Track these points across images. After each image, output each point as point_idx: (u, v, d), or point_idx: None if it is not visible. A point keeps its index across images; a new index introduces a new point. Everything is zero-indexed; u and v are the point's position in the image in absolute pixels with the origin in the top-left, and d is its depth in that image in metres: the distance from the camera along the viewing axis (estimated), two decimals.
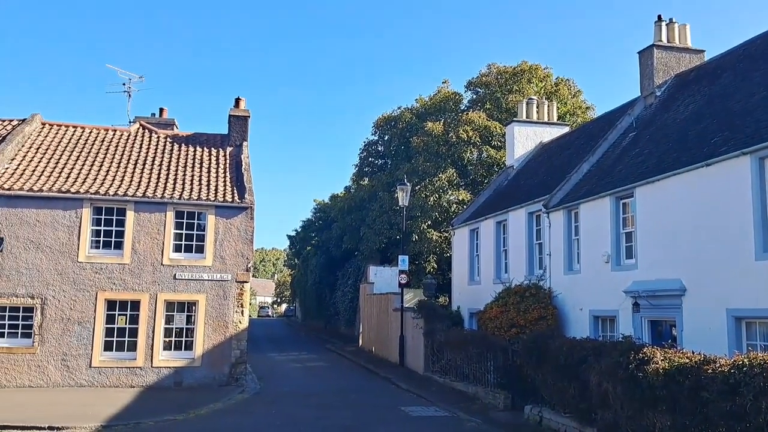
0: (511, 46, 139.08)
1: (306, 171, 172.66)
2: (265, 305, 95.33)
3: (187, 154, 22.08)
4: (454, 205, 31.05)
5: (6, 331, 17.85)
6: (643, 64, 20.17)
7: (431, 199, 30.67)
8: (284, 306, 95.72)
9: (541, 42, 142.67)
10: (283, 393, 18.13)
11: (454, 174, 31.80)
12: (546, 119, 26.56)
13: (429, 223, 30.87)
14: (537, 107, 26.58)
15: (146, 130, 23.36)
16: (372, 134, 38.63)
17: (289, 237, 60.80)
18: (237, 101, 23.35)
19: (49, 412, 13.77)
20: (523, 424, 13.77)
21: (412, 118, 35.36)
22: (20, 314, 17.94)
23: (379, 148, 38.88)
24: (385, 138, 37.74)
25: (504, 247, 22.03)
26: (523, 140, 26.00)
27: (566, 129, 26.61)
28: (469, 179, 32.78)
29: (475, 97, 36.09)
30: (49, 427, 12.21)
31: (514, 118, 26.82)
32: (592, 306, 16.62)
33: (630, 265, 15.32)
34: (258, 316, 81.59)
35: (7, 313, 17.89)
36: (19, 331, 17.88)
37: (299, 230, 57.23)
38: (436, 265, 31.00)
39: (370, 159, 39.54)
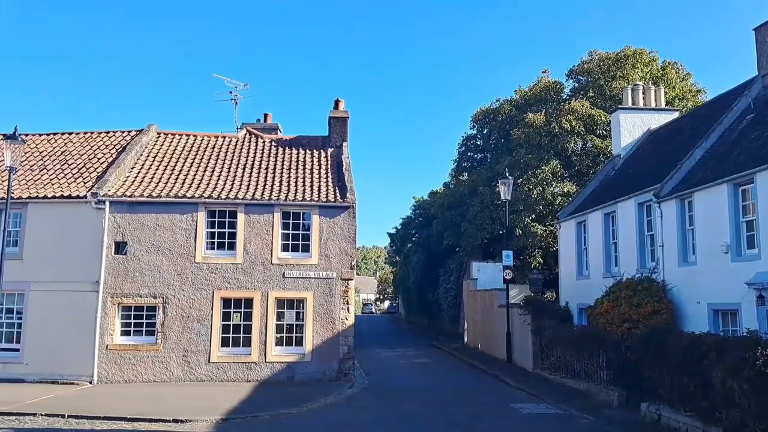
0: (613, 32, 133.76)
1: (404, 169, 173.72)
2: (368, 302, 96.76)
3: (290, 157, 22.78)
4: (559, 198, 30.23)
5: (132, 329, 19.14)
6: (760, 41, 18.84)
7: (534, 192, 30.03)
8: (387, 303, 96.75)
9: (644, 26, 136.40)
10: (392, 388, 18.35)
11: (558, 165, 30.97)
12: (653, 105, 25.35)
13: (533, 216, 30.24)
14: (643, 93, 25.43)
15: (252, 136, 24.31)
16: (470, 128, 38.30)
17: (390, 235, 61.37)
18: (336, 103, 23.85)
19: (174, 405, 14.60)
20: (640, 422, 13.25)
21: (511, 110, 34.75)
22: (144, 313, 19.19)
23: (478, 142, 38.47)
24: (484, 131, 37.30)
25: (613, 239, 21.25)
26: (630, 128, 24.96)
27: (675, 114, 25.29)
28: (574, 170, 31.83)
29: (576, 85, 34.99)
30: (174, 420, 12.94)
31: (619, 106, 25.77)
32: (710, 299, 15.73)
33: (752, 256, 14.37)
34: (362, 312, 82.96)
35: (132, 312, 19.18)
36: (144, 329, 19.13)
37: (399, 228, 57.61)
38: (541, 260, 30.32)
39: (469, 154, 39.20)
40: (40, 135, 23.71)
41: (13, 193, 17.62)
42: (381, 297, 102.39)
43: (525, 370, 21.39)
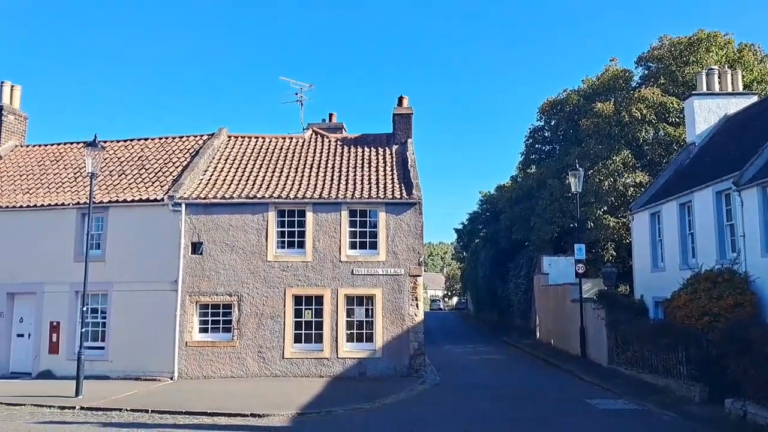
0: (684, 16, 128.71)
1: (470, 164, 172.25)
2: (436, 299, 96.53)
3: (356, 155, 22.99)
4: (631, 189, 29.36)
5: (209, 326, 19.79)
6: None
7: (605, 183, 29.26)
8: (455, 299, 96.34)
9: (717, 8, 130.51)
10: (464, 384, 18.29)
11: (629, 155, 30.08)
12: (730, 90, 24.23)
13: (605, 208, 29.49)
14: (718, 77, 24.36)
15: (318, 136, 24.67)
16: (537, 120, 37.66)
17: (457, 230, 61.11)
18: (400, 100, 23.92)
19: (251, 400, 15.01)
20: (724, 418, 12.72)
21: (579, 100, 33.97)
22: (220, 311, 19.80)
23: (546, 134, 37.78)
24: (552, 123, 36.61)
25: (690, 230, 20.49)
26: (705, 114, 23.96)
27: (754, 98, 24.08)
28: (646, 160, 30.83)
29: (647, 72, 33.86)
30: (252, 414, 13.30)
31: (693, 92, 24.78)
32: None
33: None
34: (430, 309, 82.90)
35: (209, 310, 19.82)
36: (221, 326, 19.74)
37: (466, 223, 57.27)
38: (614, 253, 29.55)
39: (536, 146, 38.55)
40: (118, 141, 24.76)
41: (94, 197, 18.46)
42: (449, 293, 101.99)
43: (600, 365, 20.91)
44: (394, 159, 22.61)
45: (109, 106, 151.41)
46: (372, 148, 23.42)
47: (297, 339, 19.56)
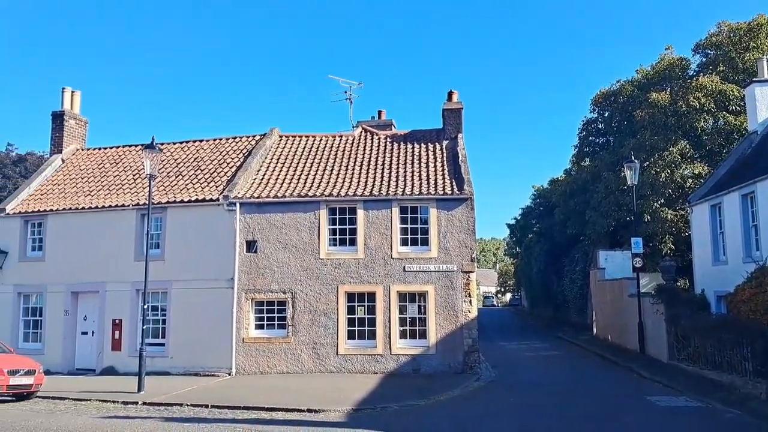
0: (741, 1, 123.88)
1: (521, 158, 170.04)
2: (489, 295, 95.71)
3: (406, 152, 22.98)
4: (690, 180, 28.45)
5: (265, 323, 20.12)
6: None
7: (662, 175, 28.43)
8: (508, 295, 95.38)
9: None
10: (519, 381, 18.09)
11: (687, 146, 29.14)
12: None
13: (662, 201, 28.66)
14: None
15: (368, 133, 24.77)
16: (590, 112, 36.83)
17: (509, 226, 60.46)
18: (450, 95, 23.79)
19: (306, 396, 15.19)
20: None
21: (633, 91, 33.09)
22: (275, 308, 20.11)
23: (599, 126, 36.96)
24: (605, 114, 35.79)
25: (753, 222, 19.74)
26: (767, 101, 23.05)
27: None
28: (705, 150, 29.81)
29: (704, 60, 32.71)
30: (309, 410, 13.46)
31: (754, 79, 23.81)
32: None
33: None
34: (483, 305, 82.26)
35: (264, 307, 20.16)
36: (276, 323, 20.06)
37: (519, 218, 56.60)
38: (673, 247, 28.69)
39: (590, 138, 37.76)
40: (174, 143, 25.40)
41: (153, 198, 18.98)
42: (502, 289, 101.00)
43: (659, 361, 20.37)
44: (445, 154, 22.51)
45: (163, 108, 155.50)
46: (422, 144, 23.37)
47: (350, 335, 19.70)
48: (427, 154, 22.62)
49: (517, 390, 16.40)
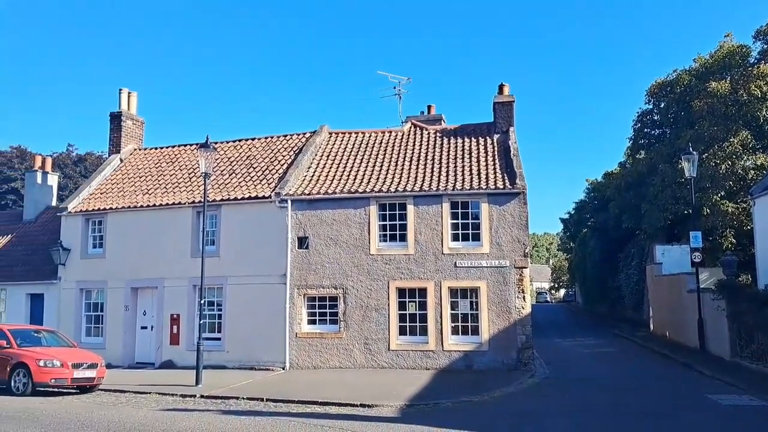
0: None
1: (574, 151, 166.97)
2: (543, 291, 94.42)
3: (456, 146, 22.81)
4: (752, 172, 27.37)
5: (317, 318, 20.33)
6: None
7: (722, 166, 27.45)
8: (562, 291, 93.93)
9: None
10: (574, 378, 17.80)
11: (748, 136, 28.05)
12: None
13: (722, 193, 27.68)
14: None
15: (417, 128, 24.69)
16: (645, 103, 35.82)
17: (562, 220, 59.50)
18: (501, 88, 23.49)
19: (359, 390, 15.27)
20: None
21: (690, 80, 32.02)
22: (327, 303, 20.29)
23: (655, 117, 35.92)
24: (661, 105, 34.74)
25: None
26: None
27: None
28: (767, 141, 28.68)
29: (766, 47, 31.41)
30: (362, 404, 13.52)
31: None
32: None
33: None
34: (536, 301, 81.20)
35: (316, 303, 20.37)
36: (328, 318, 20.24)
37: (572, 212, 55.62)
38: (734, 240, 27.68)
39: (645, 130, 36.75)
40: (227, 142, 25.85)
41: (208, 196, 19.36)
42: (555, 285, 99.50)
43: (720, 358, 19.72)
44: (496, 148, 22.25)
45: (217, 108, 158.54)
46: (472, 138, 23.16)
47: (402, 331, 19.71)
48: (478, 149, 22.41)
49: (572, 387, 16.13)
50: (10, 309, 24.78)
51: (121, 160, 26.50)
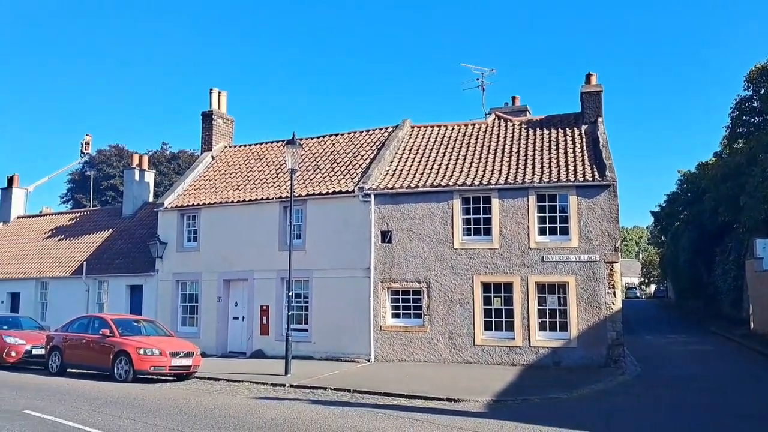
0: None
1: (664, 141, 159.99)
2: (632, 286, 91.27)
3: (542, 138, 22.32)
4: None
5: (401, 312, 20.44)
6: None
7: None
8: (653, 287, 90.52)
9: None
10: (667, 376, 17.15)
11: None
12: None
13: None
14: None
15: (501, 120, 24.32)
16: (744, 90, 33.88)
17: (653, 213, 57.33)
18: (588, 77, 22.78)
19: (444, 385, 15.22)
20: None
21: None
22: (411, 297, 20.36)
23: (755, 104, 33.90)
24: (762, 92, 32.78)
25: None
26: None
27: None
28: None
29: None
30: (448, 399, 13.49)
31: None
32: None
33: None
34: (625, 297, 78.60)
35: (400, 296, 20.48)
36: (412, 312, 20.31)
37: (664, 205, 53.48)
38: None
39: (743, 118, 34.76)
40: (311, 138, 26.34)
41: (294, 191, 19.79)
42: (645, 281, 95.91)
43: None
44: (584, 139, 21.62)
45: (299, 103, 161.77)
46: (559, 129, 22.60)
47: (487, 326, 19.52)
48: (565, 140, 21.85)
49: (666, 385, 15.53)
50: (112, 300, 26.29)
51: (213, 158, 27.49)
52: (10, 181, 35.10)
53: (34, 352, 20.10)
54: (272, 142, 27.30)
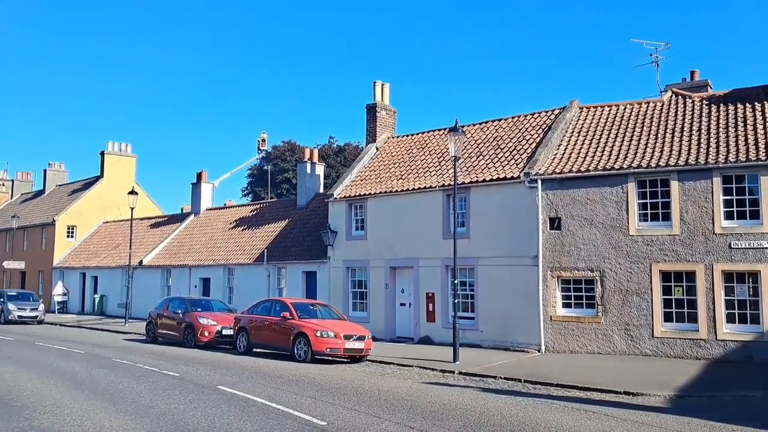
0: None
1: None
2: None
3: (726, 114, 20.44)
4: None
5: (572, 301, 19.77)
6: None
7: None
8: None
9: None
10: None
11: None
12: None
13: None
14: None
15: (679, 97, 22.61)
16: None
17: None
18: None
19: (621, 378, 14.51)
20: None
21: None
22: (582, 286, 19.60)
23: None
24: None
25: None
26: None
27: None
28: None
29: None
30: (625, 392, 12.86)
31: None
32: None
33: None
34: None
35: (571, 285, 19.79)
36: (584, 301, 19.55)
37: None
38: None
39: None
40: (474, 125, 26.17)
41: (457, 179, 19.81)
42: None
43: None
44: None
45: (460, 91, 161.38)
46: (746, 104, 20.55)
47: (667, 317, 18.31)
48: (754, 115, 19.83)
49: None
50: (290, 285, 28.09)
51: (377, 149, 28.27)
52: (199, 177, 38.77)
53: (224, 332, 21.99)
54: (434, 131, 27.51)
